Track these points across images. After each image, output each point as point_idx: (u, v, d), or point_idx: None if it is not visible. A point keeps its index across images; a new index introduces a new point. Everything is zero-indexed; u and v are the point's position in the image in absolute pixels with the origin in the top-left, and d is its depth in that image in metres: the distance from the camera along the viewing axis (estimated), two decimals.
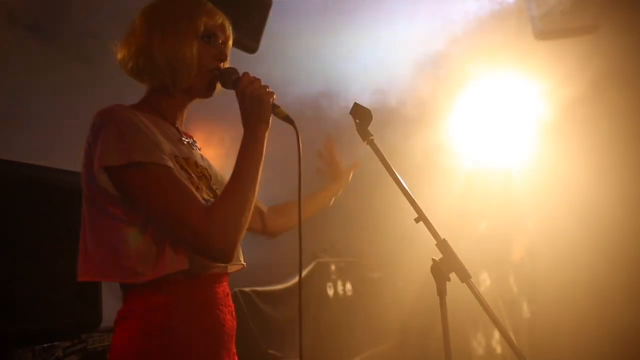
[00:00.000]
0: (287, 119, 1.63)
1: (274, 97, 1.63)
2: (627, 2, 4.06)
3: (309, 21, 3.53)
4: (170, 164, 1.51)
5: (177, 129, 1.69)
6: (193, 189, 1.52)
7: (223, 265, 1.63)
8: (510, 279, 4.55)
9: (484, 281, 4.23)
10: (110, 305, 2.51)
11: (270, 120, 1.63)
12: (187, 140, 1.71)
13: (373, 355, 4.70)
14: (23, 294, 2.15)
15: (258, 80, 1.62)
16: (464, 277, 1.56)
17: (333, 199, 2.12)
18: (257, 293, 4.00)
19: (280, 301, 4.25)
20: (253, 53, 3.27)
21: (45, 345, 2.14)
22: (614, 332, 3.94)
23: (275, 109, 1.63)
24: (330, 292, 4.68)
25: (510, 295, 4.44)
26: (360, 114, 1.68)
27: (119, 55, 1.66)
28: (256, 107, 1.60)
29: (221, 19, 1.69)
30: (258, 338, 3.90)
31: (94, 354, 2.31)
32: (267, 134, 1.61)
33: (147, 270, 1.48)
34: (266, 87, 1.62)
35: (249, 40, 3.22)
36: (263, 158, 1.59)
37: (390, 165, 1.64)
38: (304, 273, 4.66)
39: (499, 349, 4.21)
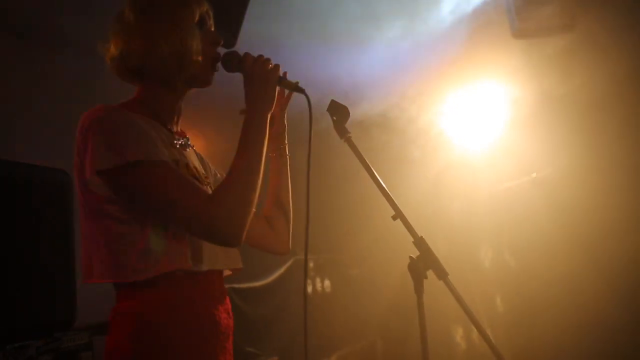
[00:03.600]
0: (297, 88, 1.64)
1: (280, 69, 1.63)
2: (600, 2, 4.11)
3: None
4: (165, 158, 1.49)
5: (168, 129, 1.66)
6: (191, 179, 1.51)
7: (222, 263, 1.62)
8: (489, 275, 4.59)
9: (462, 277, 4.24)
10: (85, 303, 2.47)
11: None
12: (180, 141, 1.68)
13: (351, 352, 4.71)
14: None
15: (260, 57, 1.62)
16: (441, 274, 1.56)
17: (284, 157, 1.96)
18: (235, 290, 3.97)
19: (258, 298, 4.22)
20: (231, 47, 3.25)
21: (17, 344, 2.10)
22: (594, 328, 3.99)
23: (282, 81, 1.64)
24: (309, 288, 4.68)
25: (488, 291, 4.47)
26: (337, 111, 1.67)
27: (113, 54, 1.61)
28: (262, 86, 1.59)
29: (206, 4, 1.67)
30: (236, 335, 3.87)
31: (67, 353, 2.28)
32: (269, 115, 1.61)
33: (147, 267, 1.46)
34: (269, 62, 1.62)
35: (227, 34, 3.20)
36: (266, 140, 1.58)
37: (368, 162, 1.64)
38: (282, 270, 4.66)
39: (476, 346, 4.24)
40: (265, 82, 1.59)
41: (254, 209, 1.52)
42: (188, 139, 1.74)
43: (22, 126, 2.93)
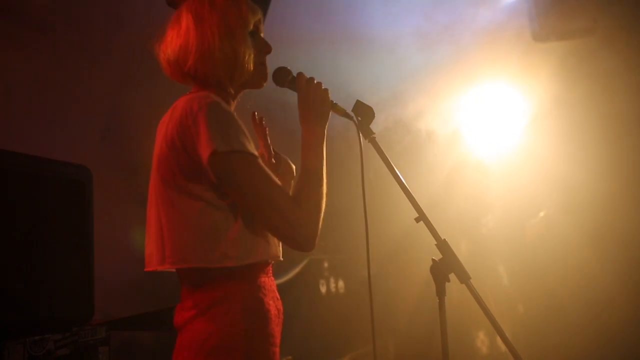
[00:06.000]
0: (347, 115, 1.73)
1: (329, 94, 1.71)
2: (620, 5, 4.09)
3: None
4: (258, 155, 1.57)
5: None
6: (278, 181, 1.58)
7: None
8: (503, 277, 4.56)
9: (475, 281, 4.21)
10: (103, 298, 2.49)
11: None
12: None
13: (364, 353, 4.69)
14: (14, 285, 2.13)
15: (313, 79, 1.71)
16: (464, 278, 1.56)
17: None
18: None
19: None
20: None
21: (36, 337, 2.11)
22: (606, 330, 3.96)
23: (334, 106, 1.72)
24: (323, 289, 4.67)
25: (503, 293, 4.44)
26: (363, 112, 1.68)
27: (171, 57, 1.69)
28: (319, 107, 1.68)
29: (259, 14, 1.76)
30: None
31: (85, 348, 2.28)
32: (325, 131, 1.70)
33: (240, 255, 1.54)
34: (321, 85, 1.70)
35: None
36: (324, 153, 1.69)
37: (392, 163, 1.64)
38: (297, 269, 4.65)
39: (496, 351, 4.21)
40: (321, 104, 1.68)
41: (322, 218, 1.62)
42: None
43: (44, 121, 2.96)
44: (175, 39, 1.69)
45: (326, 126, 1.70)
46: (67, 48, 3.16)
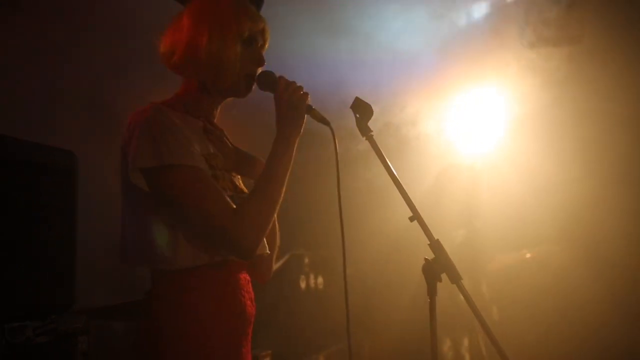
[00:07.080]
0: (323, 120, 1.69)
1: (309, 98, 1.68)
2: (609, 14, 4.16)
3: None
4: (201, 165, 1.57)
5: (204, 123, 1.73)
6: (220, 189, 1.58)
7: None
8: (480, 282, 4.60)
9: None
10: (84, 287, 2.45)
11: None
12: (215, 133, 1.76)
13: (339, 350, 4.69)
14: None
15: (293, 84, 1.68)
16: (455, 278, 1.57)
17: None
18: None
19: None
20: None
21: (14, 324, 2.07)
22: (584, 335, 4.02)
23: (310, 111, 1.68)
24: (303, 284, 4.67)
25: (481, 298, 4.48)
26: (361, 109, 1.68)
27: (162, 49, 1.72)
28: (291, 113, 1.65)
29: (263, 24, 1.73)
30: None
31: (65, 336, 2.25)
32: (297, 139, 1.68)
33: (175, 259, 1.56)
34: (300, 89, 1.67)
35: None
36: (292, 162, 1.66)
37: (388, 162, 1.64)
38: (278, 265, 4.64)
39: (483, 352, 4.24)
40: (293, 109, 1.65)
41: (269, 228, 1.63)
42: (223, 132, 1.82)
43: (28, 104, 2.90)
44: (169, 33, 1.72)
45: (299, 130, 1.67)
46: (56, 31, 3.11)
